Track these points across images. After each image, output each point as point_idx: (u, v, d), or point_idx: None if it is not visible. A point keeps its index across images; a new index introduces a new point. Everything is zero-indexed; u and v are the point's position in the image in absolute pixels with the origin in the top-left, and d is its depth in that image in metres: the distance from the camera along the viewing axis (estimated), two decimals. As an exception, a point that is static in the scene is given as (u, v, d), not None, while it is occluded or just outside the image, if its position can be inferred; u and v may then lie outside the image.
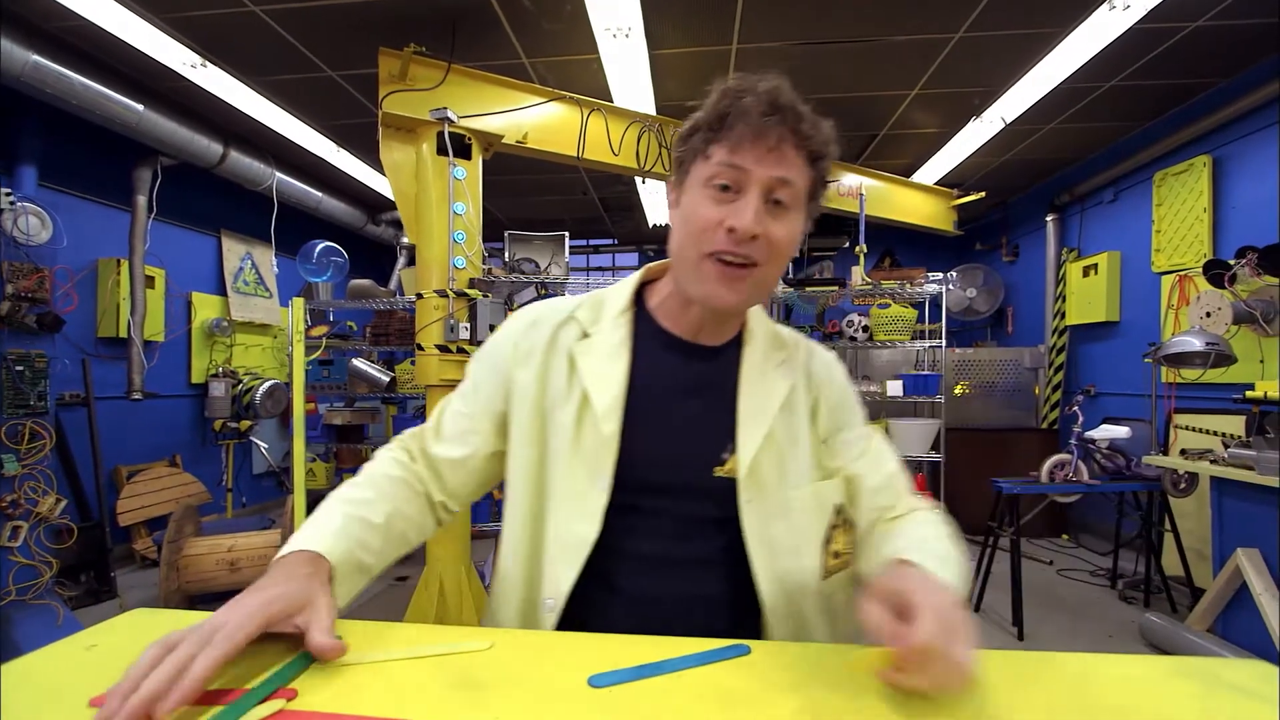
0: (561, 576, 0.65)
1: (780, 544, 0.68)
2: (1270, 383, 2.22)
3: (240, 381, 4.16)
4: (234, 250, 4.46)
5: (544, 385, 0.71)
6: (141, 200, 3.56)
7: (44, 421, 2.31)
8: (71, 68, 2.75)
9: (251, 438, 4.37)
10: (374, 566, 0.62)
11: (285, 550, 0.56)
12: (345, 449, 4.20)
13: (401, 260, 5.19)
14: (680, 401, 0.70)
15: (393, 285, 4.92)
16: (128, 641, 0.52)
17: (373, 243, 5.60)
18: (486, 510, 3.57)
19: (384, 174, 4.42)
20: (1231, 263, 2.77)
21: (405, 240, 5.16)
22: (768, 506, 0.68)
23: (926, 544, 0.63)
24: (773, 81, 0.63)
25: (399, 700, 0.44)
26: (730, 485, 0.67)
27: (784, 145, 0.62)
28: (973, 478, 3.57)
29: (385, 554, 0.64)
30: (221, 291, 4.35)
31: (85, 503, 3.15)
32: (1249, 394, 2.21)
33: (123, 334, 3.48)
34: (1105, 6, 2.48)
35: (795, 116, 0.62)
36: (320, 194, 4.49)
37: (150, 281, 3.66)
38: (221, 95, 3.25)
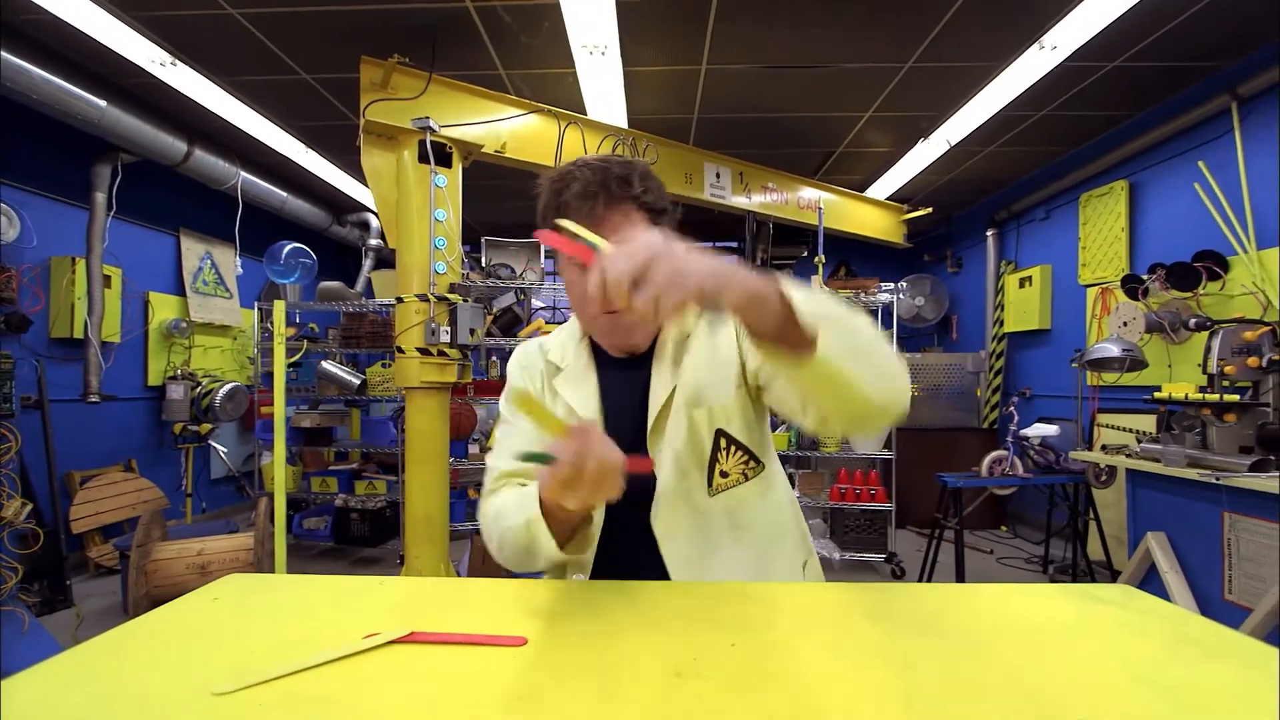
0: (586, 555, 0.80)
1: (680, 463, 0.80)
2: (1175, 385, 2.50)
3: (199, 384, 4.07)
4: (193, 250, 4.36)
5: (542, 399, 0.88)
6: (100, 198, 3.46)
7: (9, 424, 2.26)
8: (33, 62, 2.69)
9: (211, 442, 4.27)
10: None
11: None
12: (310, 452, 4.15)
13: (368, 263, 5.15)
14: (629, 400, 0.85)
15: (359, 288, 4.88)
16: (241, 596, 0.62)
17: (337, 243, 5.54)
18: (461, 510, 3.61)
19: (355, 176, 4.42)
20: (1144, 278, 3.10)
21: (373, 242, 5.12)
22: (676, 437, 0.80)
23: None
24: (594, 163, 0.76)
25: (500, 621, 0.56)
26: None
27: (613, 216, 0.73)
28: (921, 474, 3.83)
29: None
30: (180, 292, 4.25)
31: (39, 509, 3.04)
32: (1157, 395, 2.48)
33: (78, 334, 3.37)
34: (1036, 46, 2.75)
35: (617, 188, 0.73)
36: (285, 194, 4.44)
37: (107, 281, 3.56)
38: (189, 93, 3.21)
